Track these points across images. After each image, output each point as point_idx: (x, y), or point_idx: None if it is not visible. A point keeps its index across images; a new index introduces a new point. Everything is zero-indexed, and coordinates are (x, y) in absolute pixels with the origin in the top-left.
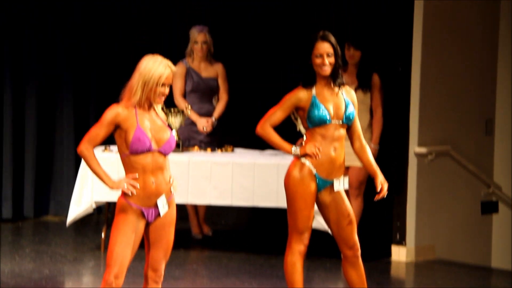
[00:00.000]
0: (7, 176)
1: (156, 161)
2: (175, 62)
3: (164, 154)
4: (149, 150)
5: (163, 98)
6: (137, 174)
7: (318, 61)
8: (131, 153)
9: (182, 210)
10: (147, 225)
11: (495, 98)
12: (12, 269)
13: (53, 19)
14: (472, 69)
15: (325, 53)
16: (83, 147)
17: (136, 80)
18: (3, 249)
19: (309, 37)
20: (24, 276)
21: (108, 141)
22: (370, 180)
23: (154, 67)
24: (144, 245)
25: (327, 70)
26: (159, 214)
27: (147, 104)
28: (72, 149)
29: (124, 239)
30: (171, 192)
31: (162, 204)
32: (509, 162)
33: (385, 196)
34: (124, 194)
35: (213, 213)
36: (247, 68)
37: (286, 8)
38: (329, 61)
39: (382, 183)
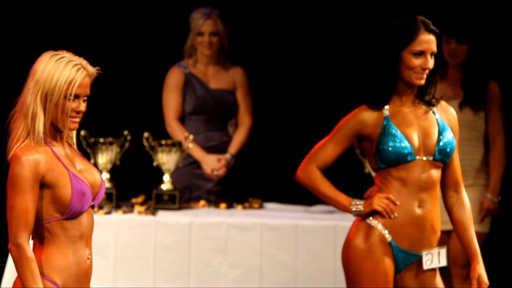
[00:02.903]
0: None
1: (90, 222)
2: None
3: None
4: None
5: (77, 121)
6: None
7: (416, 62)
8: (69, 217)
9: None
10: None
11: None
12: None
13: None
14: None
15: (429, 51)
16: (22, 240)
17: (31, 95)
18: None
19: (395, 24)
20: None
21: None
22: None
23: (59, 69)
24: None
25: (424, 78)
26: None
27: (55, 131)
28: None
29: None
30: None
31: None
32: None
33: None
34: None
35: None
36: (280, 76)
37: None
38: (432, 63)
39: (479, 278)
